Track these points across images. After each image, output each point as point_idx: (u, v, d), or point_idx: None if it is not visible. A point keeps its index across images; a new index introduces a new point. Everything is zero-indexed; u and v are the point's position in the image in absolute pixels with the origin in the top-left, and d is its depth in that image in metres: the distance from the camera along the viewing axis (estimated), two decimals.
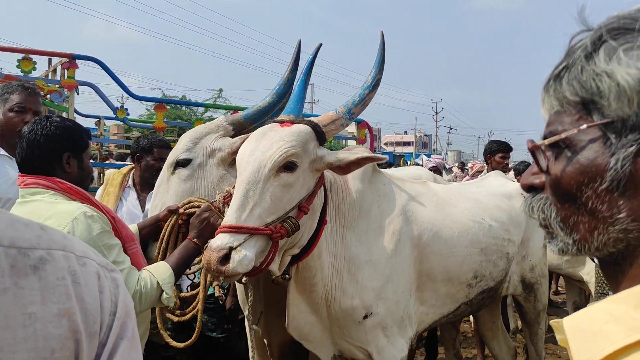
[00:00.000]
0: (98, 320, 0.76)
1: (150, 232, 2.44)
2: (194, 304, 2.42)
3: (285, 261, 2.24)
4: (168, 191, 2.50)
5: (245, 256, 1.92)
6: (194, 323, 2.48)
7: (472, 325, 5.69)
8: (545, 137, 0.78)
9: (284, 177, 2.06)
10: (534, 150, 0.78)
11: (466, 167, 14.88)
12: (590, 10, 0.75)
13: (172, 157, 2.51)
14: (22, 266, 0.70)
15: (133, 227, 2.39)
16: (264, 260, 2.03)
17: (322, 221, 2.30)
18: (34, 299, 0.70)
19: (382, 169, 2.87)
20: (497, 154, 5.40)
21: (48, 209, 1.94)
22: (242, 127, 2.58)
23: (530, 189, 0.82)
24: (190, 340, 2.42)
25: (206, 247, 2.00)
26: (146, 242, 2.45)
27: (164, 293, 2.09)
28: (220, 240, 1.94)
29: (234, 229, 1.95)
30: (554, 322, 0.74)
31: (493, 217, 3.08)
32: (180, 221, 2.38)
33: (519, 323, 5.46)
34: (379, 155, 2.31)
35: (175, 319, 2.46)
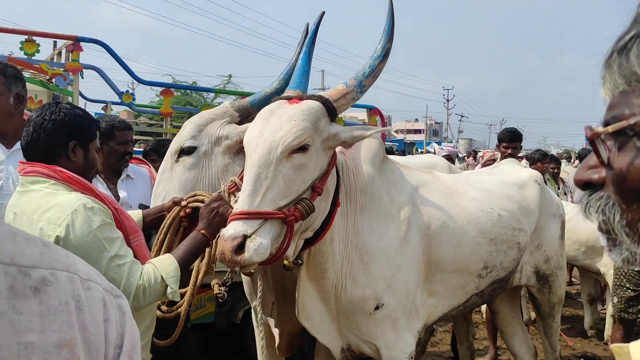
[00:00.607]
0: (102, 352, 0.66)
1: (154, 221, 2.35)
2: (180, 301, 2.27)
3: (298, 245, 2.14)
4: (172, 179, 2.40)
5: (261, 244, 1.82)
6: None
7: (484, 316, 5.59)
8: (607, 124, 0.65)
9: (297, 158, 1.96)
10: (593, 139, 0.65)
11: (478, 156, 14.73)
12: None
13: (176, 144, 2.41)
14: (22, 287, 0.61)
15: (137, 214, 2.31)
16: (279, 247, 1.93)
17: (334, 203, 2.20)
18: (32, 325, 0.60)
19: (392, 156, 2.78)
20: (501, 143, 5.30)
21: (47, 200, 1.86)
22: (249, 114, 2.49)
23: (586, 185, 0.70)
24: (170, 339, 2.31)
25: (218, 236, 1.89)
26: (150, 232, 2.36)
27: (169, 287, 1.98)
28: (233, 229, 1.83)
29: (247, 215, 1.84)
30: (615, 346, 0.61)
31: (502, 207, 3.01)
32: (182, 214, 2.28)
33: (532, 315, 5.35)
34: (389, 128, 2.23)
35: (159, 314, 2.32)
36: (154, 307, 2.22)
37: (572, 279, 8.07)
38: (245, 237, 1.81)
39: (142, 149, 6.96)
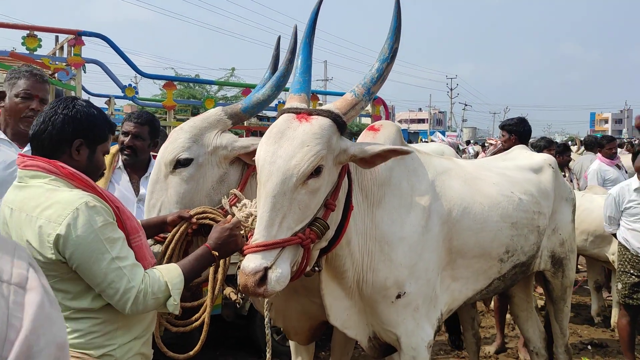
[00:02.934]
0: None
1: (154, 232, 2.30)
2: (198, 314, 2.26)
3: (314, 256, 2.15)
4: (167, 190, 2.34)
5: (281, 274, 1.88)
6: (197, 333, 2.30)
7: (493, 305, 5.58)
8: None
9: (312, 183, 1.96)
10: None
11: (487, 144, 14.64)
12: None
13: (170, 154, 2.34)
14: None
15: None
16: (298, 268, 1.98)
17: (347, 208, 2.20)
18: None
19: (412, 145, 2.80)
20: (512, 135, 4.92)
21: (48, 196, 1.81)
22: (240, 120, 2.48)
23: None
24: (192, 353, 2.26)
25: (233, 265, 1.98)
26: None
27: (172, 299, 1.92)
28: (253, 263, 1.86)
29: (265, 247, 1.88)
30: None
31: (522, 191, 3.06)
32: (189, 230, 2.24)
33: (539, 302, 5.34)
34: (405, 149, 2.15)
35: (174, 329, 2.30)
36: (151, 319, 2.15)
37: (578, 266, 8.06)
38: (266, 269, 1.86)
39: None
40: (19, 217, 1.84)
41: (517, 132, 4.78)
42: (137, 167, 3.41)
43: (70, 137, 1.92)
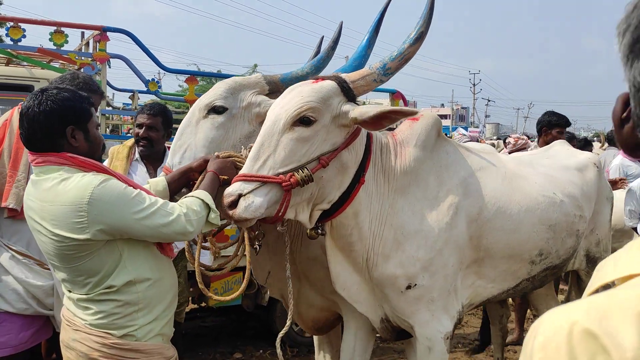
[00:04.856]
0: None
1: (179, 185, 2.36)
2: (234, 251, 2.40)
3: (314, 215, 2.26)
4: (196, 134, 2.42)
5: (252, 202, 1.99)
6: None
7: (514, 301, 5.57)
8: None
9: (299, 130, 2.08)
10: None
11: (507, 141, 14.38)
12: None
13: (206, 100, 2.43)
14: None
15: (161, 182, 2.32)
16: (278, 209, 2.07)
17: (357, 180, 2.26)
18: None
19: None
20: (555, 128, 4.87)
21: (65, 185, 1.91)
22: (278, 89, 2.53)
23: None
24: (239, 292, 2.37)
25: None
26: (174, 197, 2.36)
27: (212, 212, 2.12)
28: (232, 188, 2.03)
29: (246, 178, 2.03)
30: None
31: (565, 192, 2.93)
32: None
33: (559, 297, 5.31)
34: (409, 109, 2.20)
35: (211, 274, 2.48)
36: (176, 283, 2.30)
37: None
38: (240, 196, 1.99)
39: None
40: (42, 207, 1.94)
41: (544, 122, 4.88)
42: (154, 158, 3.52)
43: (61, 129, 1.97)
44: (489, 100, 67.63)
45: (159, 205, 2.00)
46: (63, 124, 1.98)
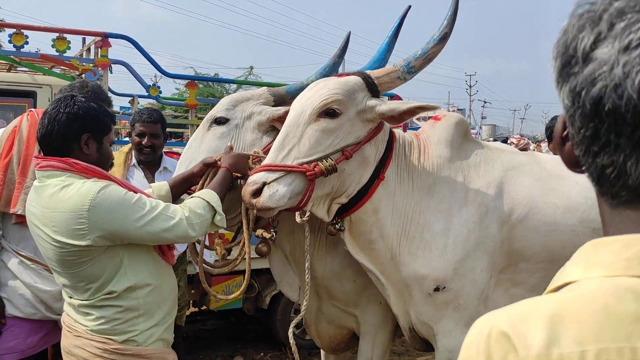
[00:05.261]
0: None
1: (182, 190, 2.42)
2: (237, 251, 2.41)
3: (332, 209, 2.28)
4: (200, 147, 2.50)
5: (276, 191, 2.00)
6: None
7: None
8: None
9: (324, 122, 2.11)
10: None
11: (509, 142, 14.41)
12: None
13: (211, 113, 2.54)
14: None
15: (164, 187, 2.37)
16: (300, 199, 2.08)
17: (377, 176, 2.28)
18: None
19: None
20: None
21: (66, 191, 1.94)
22: (283, 101, 2.59)
23: None
24: (239, 292, 2.44)
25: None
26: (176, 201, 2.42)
27: (217, 214, 2.14)
28: (255, 176, 2.04)
29: (270, 167, 2.04)
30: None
31: None
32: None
33: None
34: (430, 104, 2.23)
35: (216, 271, 2.49)
36: (176, 288, 2.32)
37: None
38: (264, 184, 2.01)
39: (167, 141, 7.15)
40: (43, 213, 1.97)
41: (553, 127, 4.88)
42: (151, 163, 3.59)
43: (78, 133, 2.03)
44: (486, 102, 67.76)
45: (160, 210, 2.01)
46: (81, 129, 2.03)
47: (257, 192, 2.00)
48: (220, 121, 2.49)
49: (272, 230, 2.38)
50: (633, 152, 0.64)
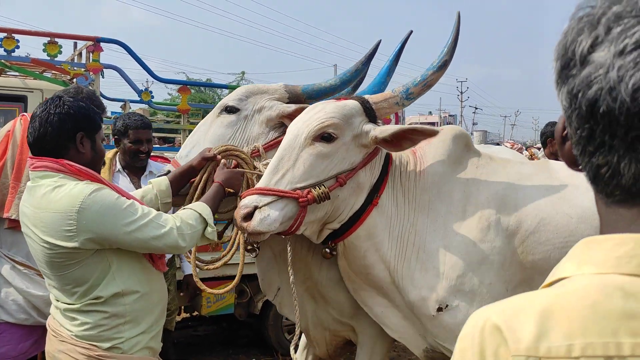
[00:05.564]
0: None
1: (182, 184, 2.40)
2: (226, 250, 2.42)
3: (323, 233, 2.26)
4: (207, 132, 2.50)
5: (267, 216, 1.98)
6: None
7: None
8: None
9: (319, 146, 2.09)
10: None
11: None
12: None
13: (223, 101, 2.54)
14: None
15: (164, 182, 2.35)
16: (291, 224, 2.06)
17: (370, 202, 2.24)
18: None
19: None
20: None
21: (57, 192, 1.94)
22: (298, 99, 2.57)
23: None
24: (230, 287, 2.45)
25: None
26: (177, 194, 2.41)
27: (208, 227, 2.13)
28: (248, 200, 2.02)
29: (263, 191, 2.02)
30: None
31: None
32: (217, 168, 2.35)
33: None
34: (429, 128, 2.16)
35: (205, 267, 2.49)
36: (165, 297, 2.31)
37: None
38: (255, 208, 1.99)
39: (157, 145, 7.10)
40: (35, 214, 1.97)
41: (547, 133, 4.92)
42: (137, 168, 3.62)
43: (71, 133, 2.02)
44: (477, 108, 68.12)
45: (152, 217, 2.00)
46: (75, 128, 2.03)
47: (249, 216, 1.98)
48: (230, 110, 2.49)
49: (255, 246, 2.42)
50: (626, 153, 0.66)
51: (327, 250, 2.32)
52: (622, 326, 0.62)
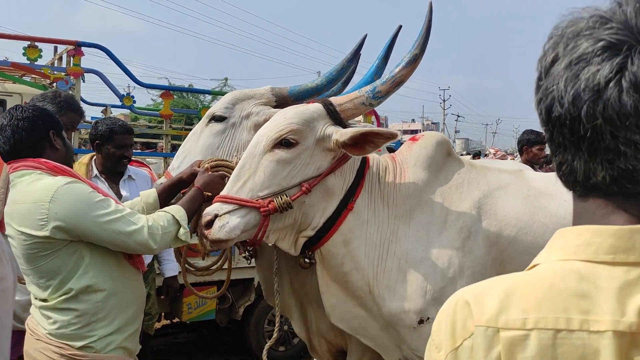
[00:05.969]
0: None
1: (170, 196, 2.42)
2: (217, 257, 2.49)
3: (299, 242, 2.20)
4: (197, 142, 2.52)
5: (226, 223, 1.97)
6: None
7: None
8: None
9: (279, 153, 2.05)
10: None
11: (488, 154, 14.62)
12: None
13: (211, 110, 2.55)
14: None
15: (152, 194, 2.38)
16: (255, 233, 2.04)
17: (345, 206, 2.17)
18: None
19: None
20: (535, 145, 5.02)
21: (34, 185, 2.03)
22: (285, 102, 2.54)
23: None
24: (219, 293, 2.49)
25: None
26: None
27: (182, 228, 2.16)
28: (210, 208, 2.01)
29: (225, 199, 2.01)
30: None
31: None
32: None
33: None
34: (387, 130, 2.09)
35: (198, 273, 2.52)
36: (142, 296, 2.32)
37: None
38: (216, 216, 1.98)
39: (140, 151, 7.05)
40: (13, 208, 2.05)
41: (524, 141, 5.11)
42: (115, 173, 3.62)
43: (44, 132, 2.14)
44: (459, 116, 68.75)
45: (124, 214, 2.06)
46: (45, 128, 2.14)
47: (210, 224, 1.98)
48: (218, 118, 2.49)
49: (246, 253, 2.43)
50: (576, 153, 0.76)
51: (306, 260, 2.28)
52: (574, 304, 0.72)
